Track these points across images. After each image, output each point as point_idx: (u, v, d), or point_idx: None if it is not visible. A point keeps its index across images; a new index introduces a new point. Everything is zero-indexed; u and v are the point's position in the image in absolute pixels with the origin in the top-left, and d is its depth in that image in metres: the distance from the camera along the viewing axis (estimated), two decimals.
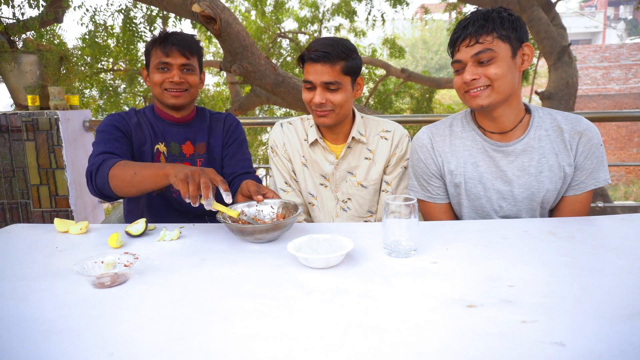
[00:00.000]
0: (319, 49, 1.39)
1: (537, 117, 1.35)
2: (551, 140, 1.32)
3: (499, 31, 1.21)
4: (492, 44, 1.22)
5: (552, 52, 4.67)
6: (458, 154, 1.39)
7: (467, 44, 1.24)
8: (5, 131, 2.73)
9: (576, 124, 1.31)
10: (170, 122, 1.63)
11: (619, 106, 13.60)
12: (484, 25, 1.21)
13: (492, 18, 1.22)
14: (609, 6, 23.64)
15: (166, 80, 1.53)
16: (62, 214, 2.81)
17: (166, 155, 1.60)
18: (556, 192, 1.34)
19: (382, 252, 1.03)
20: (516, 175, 1.33)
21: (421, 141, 1.44)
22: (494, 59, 1.23)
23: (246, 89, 7.08)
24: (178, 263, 1.00)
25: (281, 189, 1.62)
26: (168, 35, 1.54)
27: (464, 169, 1.37)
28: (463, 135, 1.40)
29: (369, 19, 6.63)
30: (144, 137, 1.58)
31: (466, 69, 1.26)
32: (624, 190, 12.51)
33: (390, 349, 0.64)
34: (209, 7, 2.84)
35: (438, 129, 1.44)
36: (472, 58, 1.24)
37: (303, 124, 1.62)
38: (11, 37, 2.95)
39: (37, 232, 1.27)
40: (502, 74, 1.23)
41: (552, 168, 1.31)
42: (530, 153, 1.32)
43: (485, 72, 1.23)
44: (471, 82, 1.25)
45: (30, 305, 0.81)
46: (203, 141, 1.66)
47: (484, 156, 1.36)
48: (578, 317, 0.71)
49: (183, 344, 0.67)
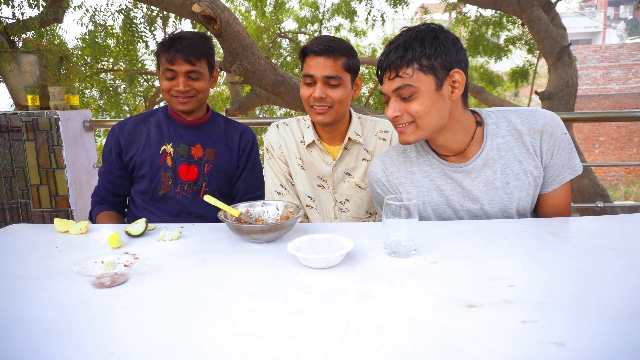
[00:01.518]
0: (323, 43, 1.41)
1: (491, 124, 1.26)
2: (511, 147, 1.25)
3: (420, 62, 1.11)
4: (411, 78, 1.12)
5: (552, 52, 4.67)
6: (417, 182, 1.32)
7: (388, 77, 1.15)
8: (5, 131, 2.73)
9: (533, 122, 1.23)
10: (182, 124, 1.63)
11: (619, 106, 13.59)
12: (403, 57, 1.11)
13: (413, 47, 1.11)
14: (609, 6, 23.64)
15: (172, 88, 1.53)
16: (62, 214, 2.81)
17: (172, 156, 1.60)
18: (530, 197, 1.28)
19: (382, 252, 1.02)
20: (482, 191, 1.27)
21: (375, 175, 1.36)
22: (414, 95, 1.13)
23: (246, 89, 7.08)
24: (178, 263, 1.00)
25: (276, 192, 1.59)
26: (173, 40, 1.51)
27: (429, 196, 1.31)
28: (419, 161, 1.32)
29: (369, 19, 6.63)
30: (140, 144, 1.60)
31: (389, 104, 1.18)
32: (624, 190, 12.52)
33: (390, 349, 0.64)
34: (209, 7, 2.84)
35: (391, 158, 1.36)
36: (394, 93, 1.16)
37: (299, 125, 1.61)
38: (11, 37, 2.95)
39: (37, 232, 1.27)
40: (424, 110, 1.14)
41: (518, 177, 1.25)
42: (492, 166, 1.25)
43: (407, 108, 1.15)
44: (394, 118, 1.18)
45: (30, 305, 0.81)
46: (214, 148, 1.65)
47: (445, 179, 1.29)
48: (578, 317, 0.71)
49: (183, 343, 0.67)
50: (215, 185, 1.64)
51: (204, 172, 1.63)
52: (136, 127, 1.64)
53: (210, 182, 1.64)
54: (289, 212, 1.26)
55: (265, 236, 1.11)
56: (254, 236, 1.11)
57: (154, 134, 1.62)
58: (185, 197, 1.61)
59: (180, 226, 1.28)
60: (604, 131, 13.37)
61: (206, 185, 1.64)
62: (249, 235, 1.11)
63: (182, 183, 1.61)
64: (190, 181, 1.61)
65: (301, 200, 1.62)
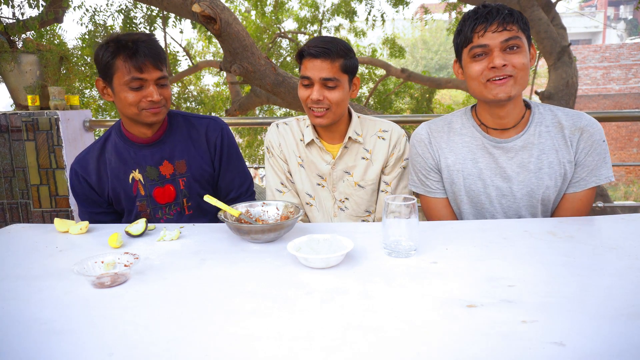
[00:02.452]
0: (319, 45, 1.40)
1: (537, 113, 1.33)
2: (552, 137, 1.31)
3: (521, 24, 1.21)
4: (518, 33, 1.21)
5: (552, 52, 4.67)
6: (456, 150, 1.38)
7: (495, 30, 1.20)
8: (5, 131, 2.73)
9: (577, 120, 1.30)
10: (141, 145, 1.46)
11: (619, 106, 13.59)
12: (511, 14, 1.20)
13: (512, 11, 1.21)
14: (609, 6, 23.64)
15: (143, 99, 1.34)
16: (62, 214, 2.81)
17: (143, 183, 1.46)
18: (557, 189, 1.32)
19: (382, 252, 1.02)
20: (515, 172, 1.32)
21: (419, 136, 1.44)
22: (520, 48, 1.21)
23: (246, 89, 7.07)
24: (178, 263, 1.00)
25: (277, 190, 1.61)
26: (135, 43, 1.31)
27: (463, 165, 1.37)
28: (462, 131, 1.39)
29: (369, 19, 6.63)
30: (107, 178, 1.47)
31: (495, 55, 1.21)
32: (624, 190, 12.52)
33: (390, 349, 0.64)
34: (209, 7, 2.84)
35: (437, 125, 1.44)
36: (502, 44, 1.20)
37: (299, 124, 1.62)
38: (11, 37, 2.95)
39: (37, 232, 1.27)
40: (526, 65, 1.21)
41: (551, 165, 1.30)
42: (529, 149, 1.31)
43: (511, 60, 1.21)
44: (502, 67, 1.21)
45: (30, 305, 0.81)
46: (182, 158, 1.49)
47: (483, 152, 1.35)
48: (578, 317, 0.71)
49: (183, 343, 0.67)
50: (197, 197, 1.51)
51: (181, 189, 1.49)
52: (98, 161, 1.47)
53: (191, 196, 1.51)
54: (289, 212, 1.26)
55: (265, 236, 1.11)
56: (254, 236, 1.11)
57: (116, 163, 1.46)
58: (170, 219, 1.51)
59: (180, 226, 1.28)
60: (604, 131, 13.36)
61: (188, 200, 1.51)
62: (249, 235, 1.11)
63: (163, 207, 1.49)
64: (170, 202, 1.49)
65: (301, 198, 1.63)
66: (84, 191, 1.49)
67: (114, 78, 1.34)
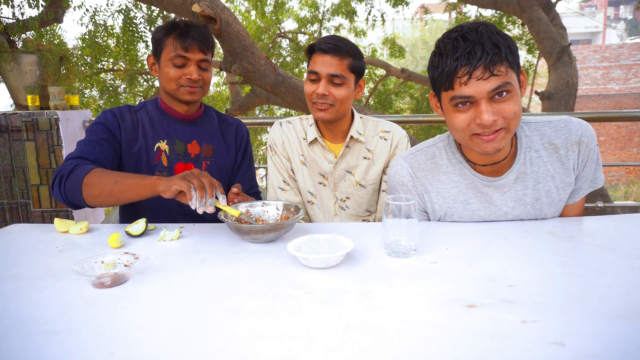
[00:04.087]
0: (330, 42, 1.44)
1: (524, 137, 1.19)
2: (544, 162, 1.18)
3: (509, 57, 1.00)
4: (507, 75, 0.99)
5: (552, 52, 4.67)
6: (444, 192, 1.24)
7: (480, 76, 0.98)
8: (5, 131, 2.73)
9: (569, 134, 1.17)
10: (176, 119, 1.54)
11: (619, 106, 13.60)
12: (498, 50, 0.98)
13: (499, 43, 0.99)
14: (609, 6, 23.64)
15: (183, 76, 1.44)
16: (62, 214, 2.81)
17: (168, 154, 1.50)
18: (558, 214, 1.26)
19: (382, 252, 1.02)
20: (510, 206, 1.22)
21: (400, 178, 1.26)
22: (511, 93, 1.01)
23: (246, 89, 7.07)
24: (178, 263, 1.00)
25: (279, 187, 1.62)
26: (188, 26, 1.43)
27: (452, 208, 1.24)
28: (449, 169, 1.23)
29: (369, 19, 6.63)
30: (136, 137, 1.47)
31: (482, 108, 1.01)
32: (624, 190, 12.52)
33: (390, 349, 0.64)
34: (209, 7, 2.84)
35: (419, 162, 1.25)
36: (490, 94, 1.00)
37: (302, 123, 1.63)
38: (11, 37, 2.95)
39: (37, 232, 1.27)
40: (518, 112, 1.02)
41: (549, 193, 1.20)
42: (523, 181, 1.19)
43: (502, 111, 1.01)
44: (492, 123, 1.02)
45: (30, 305, 0.81)
46: (210, 143, 1.57)
47: (474, 192, 1.22)
48: (578, 317, 0.71)
49: (183, 343, 0.67)
50: None
51: (202, 170, 1.56)
52: (132, 118, 1.50)
53: None
54: (289, 212, 1.26)
55: (265, 236, 1.11)
56: (254, 236, 1.11)
57: (148, 129, 1.50)
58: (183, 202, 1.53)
59: (180, 226, 1.28)
60: (604, 131, 13.37)
61: None
62: (249, 235, 1.11)
63: None
64: None
65: (303, 196, 1.64)
66: (108, 130, 1.43)
67: (162, 54, 1.45)
